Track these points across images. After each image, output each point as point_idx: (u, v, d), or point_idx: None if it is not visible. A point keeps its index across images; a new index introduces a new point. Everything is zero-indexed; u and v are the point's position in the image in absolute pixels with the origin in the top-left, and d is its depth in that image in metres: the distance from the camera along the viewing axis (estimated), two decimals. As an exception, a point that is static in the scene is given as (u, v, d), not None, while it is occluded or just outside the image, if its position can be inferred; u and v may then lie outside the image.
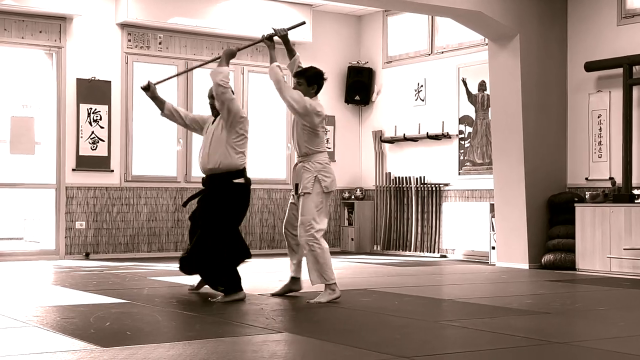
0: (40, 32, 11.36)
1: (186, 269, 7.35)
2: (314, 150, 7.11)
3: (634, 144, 10.23)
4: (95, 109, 11.62)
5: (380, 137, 13.50)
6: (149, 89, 7.57)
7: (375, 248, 13.46)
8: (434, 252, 12.55)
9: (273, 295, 7.33)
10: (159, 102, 7.69)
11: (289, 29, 7.41)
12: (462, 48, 12.33)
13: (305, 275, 7.17)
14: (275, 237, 13.03)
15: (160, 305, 6.76)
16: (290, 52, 7.51)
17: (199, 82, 12.24)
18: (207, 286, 7.42)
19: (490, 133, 11.37)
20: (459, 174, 12.32)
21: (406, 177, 13.04)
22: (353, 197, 13.58)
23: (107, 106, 11.68)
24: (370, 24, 13.86)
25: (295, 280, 7.36)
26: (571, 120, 11.03)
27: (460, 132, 12.30)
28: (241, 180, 7.13)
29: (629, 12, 10.47)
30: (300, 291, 7.37)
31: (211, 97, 7.28)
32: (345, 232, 13.66)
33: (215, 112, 7.31)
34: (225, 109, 7.07)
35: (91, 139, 11.60)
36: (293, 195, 7.24)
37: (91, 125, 11.60)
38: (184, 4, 12.07)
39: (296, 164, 7.23)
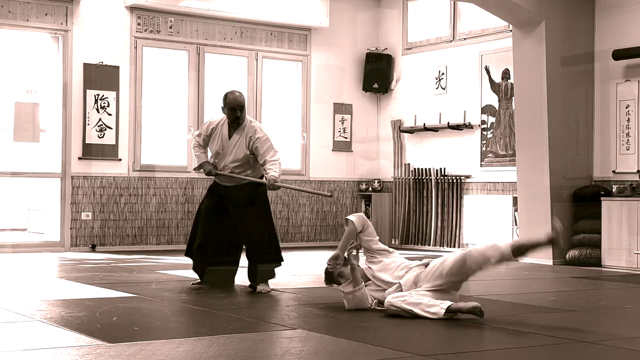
0: (46, 14, 11.24)
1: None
2: None
3: (664, 136, 10.31)
4: (103, 95, 11.51)
5: (399, 126, 13.41)
6: (210, 173, 7.48)
7: (393, 242, 13.38)
8: (454, 246, 12.46)
9: None
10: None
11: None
12: (485, 34, 12.27)
13: None
14: (289, 230, 12.92)
15: (169, 299, 6.78)
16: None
17: (210, 67, 12.13)
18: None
19: (514, 123, 11.32)
20: (481, 165, 12.26)
21: (426, 169, 12.96)
22: (370, 189, 13.53)
23: (115, 92, 11.59)
24: (389, 8, 13.79)
25: None
26: (598, 111, 10.97)
27: (483, 122, 12.22)
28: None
29: (660, -2, 10.55)
30: None
31: (241, 108, 7.25)
32: (362, 225, 13.44)
33: (236, 123, 7.32)
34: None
35: (98, 126, 11.49)
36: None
37: (98, 112, 11.49)
38: (195, -14, 12.02)
39: None
